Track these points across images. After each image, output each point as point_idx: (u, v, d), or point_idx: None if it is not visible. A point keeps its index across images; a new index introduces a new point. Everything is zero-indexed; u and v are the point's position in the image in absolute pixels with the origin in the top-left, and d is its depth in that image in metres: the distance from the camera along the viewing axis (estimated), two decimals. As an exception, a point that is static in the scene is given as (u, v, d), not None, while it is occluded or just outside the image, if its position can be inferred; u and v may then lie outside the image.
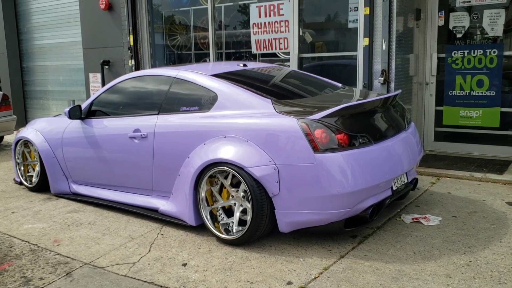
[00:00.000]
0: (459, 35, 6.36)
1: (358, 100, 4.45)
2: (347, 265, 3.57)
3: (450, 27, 6.40)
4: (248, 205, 3.87)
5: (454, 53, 6.37)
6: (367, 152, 3.79)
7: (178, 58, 8.61)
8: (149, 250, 4.01)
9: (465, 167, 5.86)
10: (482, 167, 5.86)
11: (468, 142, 6.49)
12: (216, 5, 7.76)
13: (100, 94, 5.26)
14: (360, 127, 3.93)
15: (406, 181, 4.33)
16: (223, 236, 4.04)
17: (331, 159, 3.62)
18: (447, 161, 6.17)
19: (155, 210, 4.65)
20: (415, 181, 4.62)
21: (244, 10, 7.56)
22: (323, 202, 3.66)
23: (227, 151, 3.96)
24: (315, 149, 3.63)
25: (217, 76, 4.53)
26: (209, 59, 7.97)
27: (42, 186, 5.76)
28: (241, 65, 5.06)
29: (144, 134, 4.58)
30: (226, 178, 4.07)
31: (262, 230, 3.87)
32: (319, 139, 3.64)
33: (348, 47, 6.57)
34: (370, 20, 5.92)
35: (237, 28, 7.80)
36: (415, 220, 4.38)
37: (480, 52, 6.20)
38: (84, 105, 5.29)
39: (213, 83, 4.41)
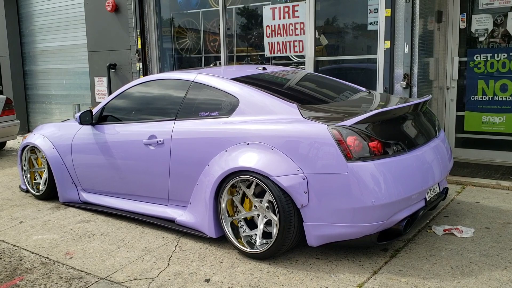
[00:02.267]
0: (481, 38, 6.16)
1: (386, 105, 4.23)
2: (382, 282, 3.34)
3: (472, 30, 6.20)
4: (274, 217, 3.64)
5: (477, 56, 6.16)
6: (401, 161, 3.57)
7: (187, 61, 8.38)
8: (168, 264, 3.78)
9: (490, 175, 5.65)
10: (508, 175, 5.64)
11: (490, 148, 6.27)
12: (227, 7, 7.54)
13: (112, 99, 5.03)
14: (392, 134, 3.71)
15: (438, 191, 4.11)
16: (247, 249, 3.81)
17: (364, 168, 3.39)
18: (471, 169, 5.95)
19: (171, 221, 4.41)
20: (445, 191, 4.40)
21: (257, 12, 7.35)
22: (356, 214, 3.43)
23: (251, 159, 3.73)
24: (348, 157, 3.41)
25: (237, 80, 4.31)
26: (220, 63, 7.75)
27: (49, 194, 5.52)
28: (261, 68, 4.84)
29: (160, 141, 4.35)
30: (248, 187, 3.85)
31: (289, 244, 3.64)
32: (352, 147, 3.42)
33: (367, 50, 6.36)
34: (391, 22, 5.70)
35: (249, 30, 7.58)
36: (447, 231, 4.16)
37: (504, 55, 5.99)
38: (95, 110, 5.06)
39: (234, 87, 4.19)
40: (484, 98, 6.19)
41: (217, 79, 4.34)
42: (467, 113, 6.35)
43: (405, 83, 5.68)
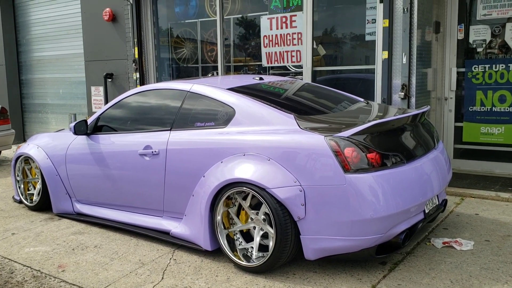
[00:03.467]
0: (479, 49, 6.13)
1: (384, 116, 4.19)
2: (381, 297, 3.27)
3: (470, 40, 6.17)
4: (271, 230, 3.57)
5: (475, 67, 6.13)
6: (400, 173, 3.51)
7: (184, 71, 8.35)
8: (162, 278, 3.70)
9: (489, 187, 5.59)
10: (507, 187, 5.58)
11: (489, 160, 6.22)
12: (225, 17, 7.52)
13: (107, 109, 4.97)
14: (391, 146, 3.65)
15: (437, 203, 4.05)
16: (243, 263, 3.73)
17: (363, 180, 3.33)
18: (469, 180, 5.90)
19: (166, 233, 4.34)
20: (444, 202, 4.34)
21: (254, 22, 7.32)
22: (355, 227, 3.36)
23: (247, 170, 3.67)
24: (346, 169, 3.34)
25: (234, 90, 4.26)
26: (217, 73, 7.70)
27: (43, 205, 5.44)
28: (257, 78, 4.79)
29: (155, 151, 4.29)
30: (244, 199, 3.78)
31: (286, 257, 3.57)
32: (350, 158, 3.36)
33: (365, 60, 6.33)
34: (389, 32, 5.68)
35: (247, 40, 7.55)
36: (446, 244, 4.09)
37: (502, 66, 5.96)
38: (90, 120, 4.99)
39: (230, 97, 4.14)
40: (483, 109, 6.15)
41: (213, 89, 4.29)
42: (465, 124, 6.31)
43: (403, 93, 5.64)
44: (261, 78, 4.79)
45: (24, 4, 10.93)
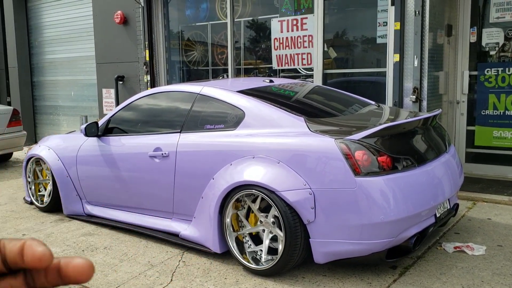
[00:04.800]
0: (492, 52, 6.07)
1: (395, 119, 4.15)
2: (391, 301, 3.23)
3: (483, 43, 6.11)
4: (280, 233, 3.55)
5: (487, 70, 6.07)
6: (411, 176, 3.48)
7: (194, 74, 8.36)
8: (171, 280, 3.70)
9: (502, 191, 5.52)
10: (520, 191, 5.52)
11: (502, 164, 6.14)
12: (235, 20, 7.53)
13: (118, 111, 4.98)
14: (402, 149, 3.62)
15: (448, 207, 4.00)
16: (252, 266, 3.72)
17: (373, 183, 3.31)
18: (482, 184, 5.83)
19: (175, 235, 4.33)
20: (456, 207, 4.29)
21: (265, 24, 7.32)
22: (365, 230, 3.33)
23: (256, 173, 3.66)
24: (356, 172, 3.32)
25: (244, 92, 4.25)
26: (227, 75, 7.71)
27: (54, 206, 5.46)
28: (267, 81, 4.78)
29: (165, 153, 4.29)
30: (254, 201, 3.77)
31: (295, 261, 3.54)
32: (360, 162, 3.33)
33: (376, 63, 6.29)
34: (400, 35, 5.64)
35: (257, 43, 7.55)
36: (457, 249, 4.04)
37: (515, 69, 5.90)
38: (101, 122, 5.01)
39: (240, 100, 4.13)
40: (495, 112, 6.08)
41: (223, 91, 4.28)
42: (477, 128, 6.24)
43: (414, 97, 5.60)
44: (271, 81, 4.78)
45: (36, 7, 11.02)
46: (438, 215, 3.76)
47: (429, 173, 3.66)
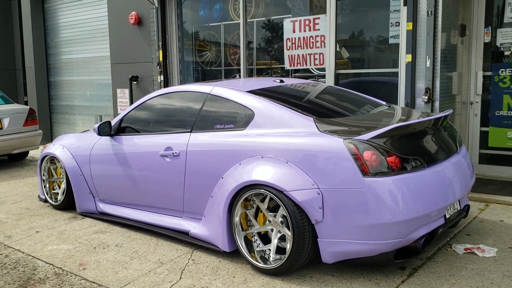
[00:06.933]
0: (507, 52, 6.00)
1: (406, 119, 4.14)
2: (398, 302, 3.23)
3: (497, 43, 6.04)
4: (288, 232, 3.57)
5: (502, 71, 6.01)
6: (420, 177, 3.47)
7: (207, 74, 8.41)
8: (180, 277, 3.73)
9: (515, 193, 5.47)
10: (534, 193, 5.46)
11: (516, 165, 6.08)
12: (248, 20, 7.55)
13: (130, 111, 5.04)
14: (411, 149, 3.61)
15: (459, 208, 3.98)
16: (260, 265, 3.74)
17: (381, 184, 3.30)
18: (495, 186, 5.77)
19: (185, 233, 4.37)
20: (467, 208, 4.26)
21: (277, 25, 7.33)
22: (373, 231, 3.33)
23: (265, 173, 3.67)
24: (364, 172, 3.32)
25: (253, 92, 4.27)
26: (240, 75, 7.74)
27: (67, 204, 5.55)
28: (278, 81, 4.80)
29: (176, 152, 4.33)
30: (262, 201, 3.78)
31: (303, 260, 3.55)
32: (369, 162, 3.33)
33: (388, 64, 6.26)
34: (413, 36, 5.61)
35: (269, 43, 7.57)
36: (468, 250, 4.01)
37: (530, 70, 5.83)
38: (114, 122, 5.08)
39: (250, 100, 4.15)
40: (510, 113, 6.01)
41: (233, 91, 4.31)
42: (491, 129, 6.18)
43: (426, 97, 5.56)
44: (281, 81, 4.79)
45: (53, 8, 11.19)
46: (448, 216, 3.74)
47: (439, 173, 3.64)
